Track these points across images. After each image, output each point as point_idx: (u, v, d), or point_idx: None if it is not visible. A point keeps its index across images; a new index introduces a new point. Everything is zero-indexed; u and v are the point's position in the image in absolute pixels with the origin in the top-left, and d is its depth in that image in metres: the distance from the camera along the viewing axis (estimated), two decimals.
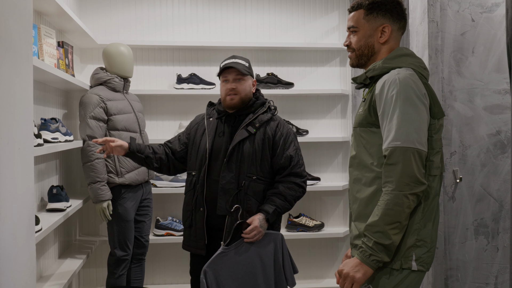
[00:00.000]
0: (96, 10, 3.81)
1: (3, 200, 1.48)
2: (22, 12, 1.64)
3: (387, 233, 1.64)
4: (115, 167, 3.11)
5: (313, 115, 4.08)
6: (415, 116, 1.66)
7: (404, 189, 1.63)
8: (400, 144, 1.64)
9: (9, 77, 1.52)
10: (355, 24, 1.86)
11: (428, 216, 1.74)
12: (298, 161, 2.55)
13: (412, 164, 1.63)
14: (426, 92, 1.72)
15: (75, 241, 3.56)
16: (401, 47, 1.85)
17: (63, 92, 3.31)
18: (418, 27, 3.04)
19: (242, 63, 2.56)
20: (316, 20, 4.07)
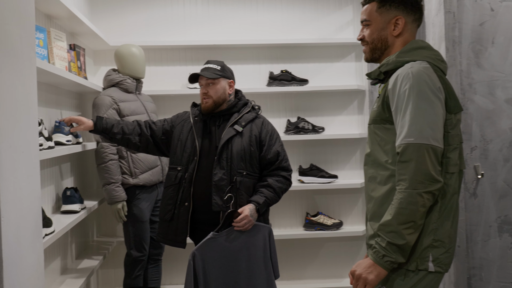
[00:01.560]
0: (108, 12, 3.82)
1: (5, 204, 1.47)
2: (24, 16, 1.63)
3: (401, 233, 1.58)
4: (129, 168, 3.11)
5: (329, 112, 4.01)
6: (429, 111, 1.60)
7: (418, 187, 1.57)
8: (413, 140, 1.58)
9: (10, 81, 1.51)
10: (367, 17, 1.81)
11: (446, 215, 1.67)
12: (284, 156, 2.69)
13: (426, 161, 1.57)
14: (442, 86, 1.65)
15: (92, 242, 3.58)
16: (417, 40, 1.79)
17: (76, 94, 3.33)
18: (434, 19, 2.95)
19: (212, 67, 2.68)
20: (330, 15, 4.00)
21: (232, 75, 2.76)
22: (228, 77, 2.71)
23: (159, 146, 2.77)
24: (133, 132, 2.72)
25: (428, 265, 1.64)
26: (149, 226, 3.24)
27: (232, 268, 2.47)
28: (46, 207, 2.67)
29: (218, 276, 2.44)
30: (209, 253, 2.43)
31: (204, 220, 2.60)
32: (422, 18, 1.84)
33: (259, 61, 3.96)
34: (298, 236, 3.86)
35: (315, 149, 4.01)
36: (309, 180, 3.84)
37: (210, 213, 2.56)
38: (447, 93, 1.67)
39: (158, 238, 2.70)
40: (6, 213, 1.47)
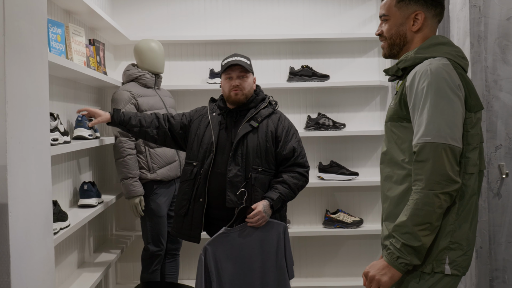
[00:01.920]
0: (129, 7, 3.84)
1: (14, 199, 1.48)
2: (35, 12, 1.64)
3: (417, 234, 1.54)
4: (147, 163, 3.12)
5: (350, 108, 3.94)
6: (447, 109, 1.54)
7: (435, 188, 1.52)
8: (431, 139, 1.53)
9: (20, 76, 1.52)
10: (386, 12, 1.76)
11: (464, 217, 1.62)
12: (301, 152, 2.63)
13: (444, 161, 1.52)
14: (461, 83, 1.59)
15: (111, 236, 3.62)
16: (437, 35, 1.73)
17: (96, 89, 3.35)
18: (459, 13, 2.85)
19: (244, 60, 2.63)
20: (353, 9, 3.92)
21: None
22: (253, 72, 2.69)
23: (177, 140, 2.77)
24: (151, 125, 2.72)
25: (445, 267, 1.59)
26: (166, 221, 3.24)
27: (246, 264, 2.45)
28: (64, 201, 2.70)
29: (231, 271, 2.42)
30: (221, 248, 2.41)
31: (219, 216, 2.58)
32: (443, 13, 1.78)
33: (279, 56, 3.91)
34: (317, 233, 3.81)
35: (335, 145, 3.95)
36: (329, 177, 3.79)
37: (225, 209, 2.54)
38: (467, 90, 1.61)
39: (173, 232, 2.71)
40: (14, 208, 1.48)
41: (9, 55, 1.46)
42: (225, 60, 2.65)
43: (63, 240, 2.56)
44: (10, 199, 1.46)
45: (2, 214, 1.45)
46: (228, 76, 2.62)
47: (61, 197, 2.67)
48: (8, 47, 1.45)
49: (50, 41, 2.33)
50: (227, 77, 2.62)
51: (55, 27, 2.38)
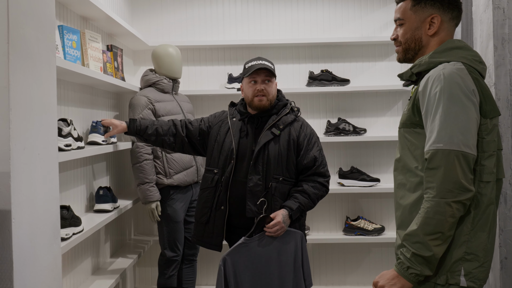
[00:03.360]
0: (148, 12, 3.87)
1: (18, 205, 1.48)
2: (42, 19, 1.65)
3: (427, 244, 1.48)
4: (164, 168, 3.12)
5: (371, 113, 3.86)
6: (461, 115, 1.48)
7: (447, 196, 1.46)
8: (442, 146, 1.48)
9: (25, 83, 1.53)
10: (401, 15, 1.73)
11: (481, 227, 1.55)
12: (322, 161, 2.57)
13: (456, 168, 1.46)
14: (476, 88, 1.53)
15: (129, 240, 3.63)
16: (453, 39, 1.67)
17: (114, 94, 3.38)
18: (482, 15, 2.75)
19: (269, 65, 2.55)
20: (374, 12, 3.85)
21: None
22: (276, 77, 2.61)
23: (195, 146, 2.73)
24: (168, 133, 2.69)
25: (460, 279, 1.53)
26: (183, 227, 3.24)
27: (264, 274, 2.41)
28: (79, 206, 2.72)
29: (250, 281, 2.39)
30: (240, 258, 2.37)
31: (240, 224, 2.53)
32: (460, 16, 1.72)
33: (298, 61, 3.87)
34: (338, 240, 3.74)
35: (356, 151, 3.88)
36: (349, 183, 3.72)
37: (246, 218, 2.49)
38: (482, 96, 1.55)
39: (194, 240, 2.67)
40: (18, 214, 1.48)
41: (14, 63, 1.46)
42: (250, 63, 2.57)
43: (77, 245, 2.59)
44: (13, 206, 1.46)
45: (5, 220, 1.46)
46: (252, 79, 2.54)
47: (77, 202, 2.69)
48: (12, 55, 1.45)
49: (65, 47, 2.35)
50: (251, 81, 2.55)
51: (70, 33, 2.40)
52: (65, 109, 2.53)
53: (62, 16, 2.51)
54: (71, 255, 2.59)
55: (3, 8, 1.43)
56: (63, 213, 2.20)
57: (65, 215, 2.22)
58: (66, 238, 2.17)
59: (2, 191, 1.45)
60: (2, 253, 1.46)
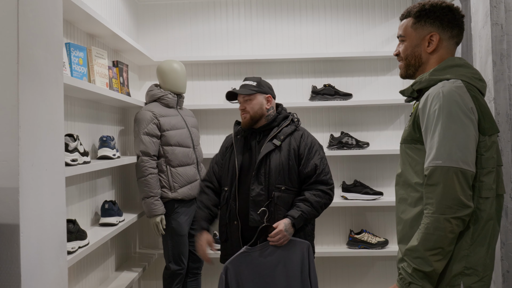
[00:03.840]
0: (153, 28, 3.94)
1: (26, 220, 1.53)
2: (50, 40, 1.70)
3: (428, 259, 1.51)
4: (168, 182, 3.16)
5: (374, 127, 3.89)
6: (459, 133, 1.52)
7: (446, 212, 1.49)
8: (442, 163, 1.51)
9: (34, 102, 1.58)
10: (403, 32, 1.78)
11: (480, 242, 1.58)
12: (324, 169, 2.60)
13: (455, 185, 1.49)
14: (475, 106, 1.56)
15: (134, 254, 3.66)
16: (453, 57, 1.71)
17: (119, 109, 3.44)
18: (481, 31, 2.79)
19: (248, 84, 2.68)
20: (376, 27, 3.90)
21: (270, 89, 2.72)
22: (264, 92, 2.68)
23: None
24: (215, 198, 2.72)
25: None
26: (187, 240, 3.27)
27: (269, 284, 2.42)
28: (85, 220, 2.76)
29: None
30: (242, 267, 2.39)
31: (251, 237, 2.54)
32: (462, 34, 1.76)
33: (301, 75, 3.92)
34: (341, 254, 3.76)
35: (359, 164, 3.91)
36: (352, 197, 3.74)
37: (254, 229, 2.51)
38: (481, 113, 1.58)
39: (221, 260, 2.68)
40: (26, 229, 1.53)
41: (23, 82, 1.52)
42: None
43: (83, 258, 2.62)
44: (22, 220, 1.51)
45: (14, 234, 1.50)
46: (238, 101, 2.72)
47: (83, 216, 2.73)
48: (22, 74, 1.51)
49: (72, 64, 2.41)
50: (239, 102, 2.71)
51: (77, 50, 2.46)
52: (72, 124, 2.58)
53: (69, 33, 2.57)
54: (77, 268, 2.62)
55: (13, 29, 1.49)
56: (69, 227, 2.24)
57: (71, 229, 2.26)
58: (72, 251, 2.21)
59: (11, 206, 1.49)
60: (11, 266, 1.50)
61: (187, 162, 3.23)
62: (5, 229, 1.49)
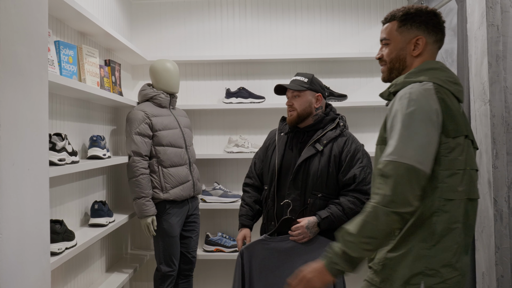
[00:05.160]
0: (146, 27, 3.91)
1: (5, 221, 1.49)
2: (34, 37, 1.67)
3: (359, 246, 1.52)
4: (160, 182, 3.12)
5: (369, 128, 3.86)
6: (418, 133, 1.52)
7: (389, 205, 1.49)
8: (396, 158, 1.51)
9: (15, 100, 1.54)
10: (387, 36, 1.77)
11: (444, 244, 1.56)
12: (364, 179, 2.45)
13: (405, 181, 1.49)
14: (440, 108, 1.56)
15: (125, 255, 3.63)
16: (430, 61, 1.72)
17: (111, 108, 3.40)
18: (477, 32, 2.76)
19: (299, 79, 2.57)
20: (371, 28, 3.87)
21: (322, 88, 2.60)
22: (315, 89, 2.56)
23: None
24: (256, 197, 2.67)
25: None
26: (179, 241, 3.23)
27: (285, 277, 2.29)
28: (74, 220, 2.73)
29: (268, 281, 2.36)
30: (258, 254, 2.37)
31: None
32: (443, 39, 1.77)
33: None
34: None
35: None
36: None
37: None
38: (446, 115, 1.57)
39: None
40: (6, 230, 1.49)
41: (4, 79, 1.48)
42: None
43: (71, 259, 2.58)
44: (1, 221, 1.47)
45: None
46: (286, 96, 2.61)
47: (72, 216, 2.70)
48: (2, 72, 1.47)
49: (62, 62, 2.38)
50: (287, 98, 2.61)
51: (66, 49, 2.43)
52: (60, 123, 2.54)
53: (59, 31, 2.54)
54: (64, 269, 2.59)
55: None
56: (56, 228, 2.20)
57: (58, 230, 2.22)
58: (59, 252, 2.17)
59: None
60: None
61: (180, 162, 3.20)
62: None
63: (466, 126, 1.63)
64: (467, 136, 1.61)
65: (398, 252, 1.59)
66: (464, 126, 1.61)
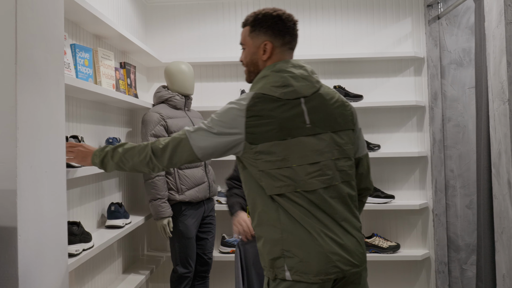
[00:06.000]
0: (161, 30, 3.92)
1: (24, 222, 1.51)
2: (51, 40, 1.68)
3: (116, 157, 1.84)
4: (176, 184, 3.13)
5: (385, 129, 3.83)
6: (212, 131, 1.73)
7: (155, 153, 1.78)
8: (182, 135, 1.78)
9: (33, 103, 1.56)
10: (242, 41, 1.89)
11: (290, 229, 1.69)
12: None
13: (179, 148, 1.76)
14: (245, 119, 1.68)
15: (142, 256, 3.64)
16: (266, 68, 1.80)
17: (127, 111, 3.42)
18: (495, 31, 2.71)
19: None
20: (387, 28, 3.83)
21: None
22: None
23: None
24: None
25: (285, 274, 1.70)
26: (195, 243, 3.24)
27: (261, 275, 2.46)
28: (91, 222, 2.75)
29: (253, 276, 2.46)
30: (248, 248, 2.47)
31: None
32: (295, 40, 1.86)
33: None
34: None
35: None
36: None
37: None
38: (253, 125, 1.68)
39: None
40: (24, 231, 1.50)
41: (21, 83, 1.50)
42: None
43: (88, 261, 2.60)
44: (19, 223, 1.49)
45: (12, 237, 1.48)
46: None
47: (89, 218, 2.72)
48: (20, 75, 1.49)
49: (78, 65, 2.40)
50: None
51: (82, 51, 2.45)
52: (77, 126, 2.57)
53: (74, 34, 2.56)
54: (81, 271, 2.61)
55: (11, 29, 1.47)
56: (73, 229, 2.22)
57: (75, 231, 2.24)
58: (76, 254, 2.18)
59: (8, 208, 1.47)
60: (8, 270, 1.48)
61: (195, 164, 3.20)
62: (3, 232, 1.47)
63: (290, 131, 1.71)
64: (285, 139, 1.70)
65: None
66: (269, 133, 1.69)
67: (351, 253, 1.70)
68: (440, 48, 3.77)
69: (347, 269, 1.69)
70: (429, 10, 3.81)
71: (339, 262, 1.67)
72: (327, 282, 1.68)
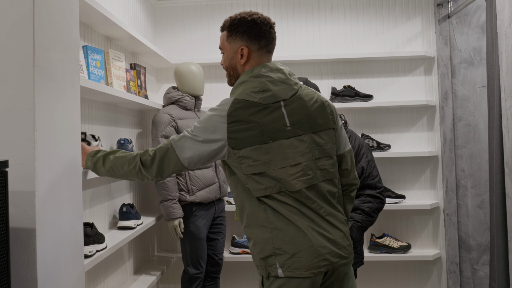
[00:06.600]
0: (170, 31, 3.93)
1: (42, 224, 1.51)
2: (67, 42, 1.69)
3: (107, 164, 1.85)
4: (186, 185, 3.13)
5: (395, 129, 3.81)
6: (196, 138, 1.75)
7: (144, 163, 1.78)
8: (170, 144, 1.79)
9: (50, 105, 1.56)
10: (220, 45, 1.91)
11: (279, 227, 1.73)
12: (371, 173, 2.52)
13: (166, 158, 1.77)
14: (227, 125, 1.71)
15: (152, 257, 3.65)
16: (245, 73, 1.82)
17: (137, 112, 3.43)
18: (507, 29, 2.70)
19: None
20: (397, 27, 3.82)
21: (317, 90, 2.58)
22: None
23: None
24: None
25: (278, 271, 1.73)
26: (206, 244, 3.23)
27: None
28: (103, 223, 2.75)
29: None
30: None
31: None
32: (271, 43, 1.87)
33: (321, 77, 3.86)
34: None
35: (380, 167, 3.81)
36: None
37: None
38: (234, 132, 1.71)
39: None
40: (42, 233, 1.51)
41: (39, 85, 1.50)
42: None
43: (101, 262, 2.61)
44: (38, 224, 1.49)
45: (30, 238, 1.48)
46: None
47: (101, 219, 2.72)
48: (37, 77, 1.49)
49: (90, 67, 2.40)
50: None
51: (94, 53, 2.45)
52: (89, 127, 2.57)
53: (86, 36, 2.57)
54: (94, 272, 2.61)
55: (29, 31, 1.48)
56: (86, 230, 2.23)
57: (89, 232, 2.25)
58: (90, 255, 2.19)
59: (27, 210, 1.48)
60: (27, 271, 1.48)
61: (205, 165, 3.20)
62: (21, 233, 1.48)
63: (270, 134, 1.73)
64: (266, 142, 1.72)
65: None
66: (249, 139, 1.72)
67: (339, 246, 1.75)
68: (451, 47, 3.75)
69: (336, 261, 1.74)
70: (439, 9, 3.79)
71: (328, 255, 1.72)
72: (318, 275, 1.72)
